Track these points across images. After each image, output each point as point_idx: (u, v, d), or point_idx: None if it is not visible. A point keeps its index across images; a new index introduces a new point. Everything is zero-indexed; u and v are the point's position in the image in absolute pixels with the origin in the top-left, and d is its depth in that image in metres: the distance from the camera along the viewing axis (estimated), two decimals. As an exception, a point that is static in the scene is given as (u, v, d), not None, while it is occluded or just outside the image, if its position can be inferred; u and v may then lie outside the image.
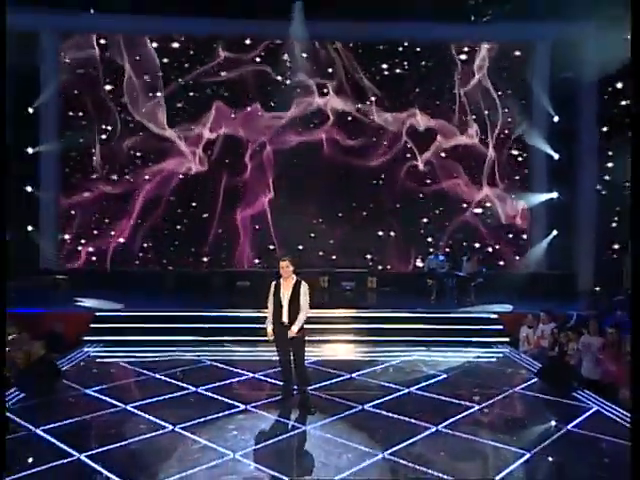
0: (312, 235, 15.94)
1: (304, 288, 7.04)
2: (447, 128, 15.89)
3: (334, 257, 16.04)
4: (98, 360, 10.06)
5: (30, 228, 14.98)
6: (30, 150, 14.94)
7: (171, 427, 6.46)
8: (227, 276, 15.27)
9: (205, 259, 16.01)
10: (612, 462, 5.78)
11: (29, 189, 15.01)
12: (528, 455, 5.76)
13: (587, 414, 7.14)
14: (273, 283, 7.19)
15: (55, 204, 15.38)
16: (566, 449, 6.09)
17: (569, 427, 6.67)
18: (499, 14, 12.13)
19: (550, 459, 5.85)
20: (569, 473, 5.64)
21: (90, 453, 5.73)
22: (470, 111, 15.86)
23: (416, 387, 8.28)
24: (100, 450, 5.83)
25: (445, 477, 5.19)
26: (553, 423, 7.06)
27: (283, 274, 7.02)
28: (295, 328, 6.89)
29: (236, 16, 13.93)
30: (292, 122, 15.76)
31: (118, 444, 6.00)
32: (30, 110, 14.88)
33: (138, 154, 15.72)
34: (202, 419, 6.74)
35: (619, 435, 6.33)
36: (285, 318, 6.90)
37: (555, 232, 15.67)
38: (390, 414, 7.00)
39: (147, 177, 15.67)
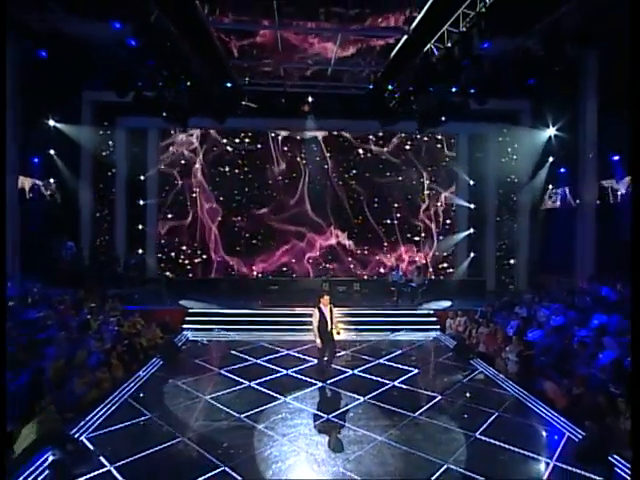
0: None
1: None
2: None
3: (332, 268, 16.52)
4: (192, 340, 10.88)
5: (140, 251, 15.87)
6: (141, 202, 15.98)
7: (247, 383, 7.78)
8: (262, 281, 15.95)
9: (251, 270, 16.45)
10: (484, 399, 7.12)
11: (140, 227, 15.94)
12: (439, 397, 7.25)
13: (475, 373, 8.56)
14: (316, 309, 7.86)
15: (155, 235, 16.13)
16: (461, 393, 7.52)
17: (464, 381, 8.10)
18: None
19: (451, 400, 7.15)
20: (462, 407, 6.95)
21: (210, 396, 7.17)
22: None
23: (383, 359, 9.35)
24: (213, 395, 7.22)
25: (396, 409, 6.66)
26: (455, 378, 8.19)
27: (324, 302, 7.86)
28: (339, 331, 8.12)
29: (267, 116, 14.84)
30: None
31: (222, 392, 7.35)
32: (142, 177, 15.96)
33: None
34: (264, 378, 7.98)
35: (490, 385, 7.83)
36: (330, 327, 7.89)
37: (473, 254, 16.40)
38: (369, 375, 8.25)
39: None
